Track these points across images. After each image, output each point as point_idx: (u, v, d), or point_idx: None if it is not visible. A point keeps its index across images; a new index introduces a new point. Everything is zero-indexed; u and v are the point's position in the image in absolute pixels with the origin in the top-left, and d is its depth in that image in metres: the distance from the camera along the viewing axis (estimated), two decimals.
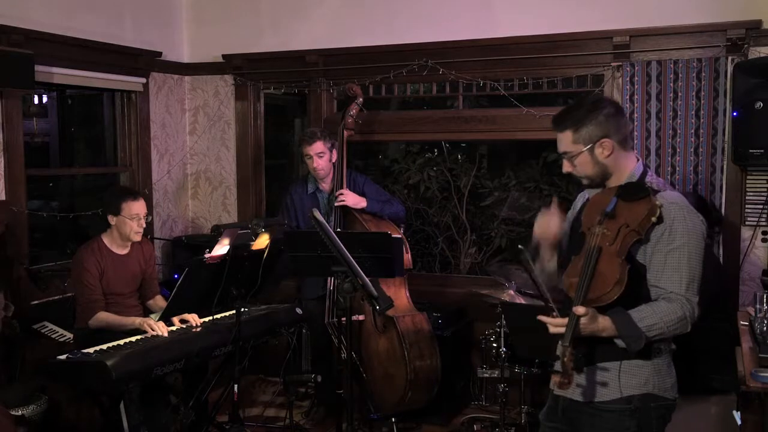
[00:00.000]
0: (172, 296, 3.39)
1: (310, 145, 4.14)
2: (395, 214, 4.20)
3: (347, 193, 4.13)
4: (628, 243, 2.16)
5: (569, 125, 2.27)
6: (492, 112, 4.71)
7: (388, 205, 4.20)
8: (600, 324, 2.13)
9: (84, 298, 3.67)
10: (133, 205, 3.73)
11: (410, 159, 6.11)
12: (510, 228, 5.81)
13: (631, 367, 2.21)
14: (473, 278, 5.06)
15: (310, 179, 4.30)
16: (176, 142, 5.32)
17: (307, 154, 4.17)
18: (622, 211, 2.20)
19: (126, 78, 4.80)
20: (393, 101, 5.78)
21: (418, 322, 4.05)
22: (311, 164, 4.17)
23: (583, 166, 2.29)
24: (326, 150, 4.17)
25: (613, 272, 2.13)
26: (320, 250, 3.21)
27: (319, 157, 4.15)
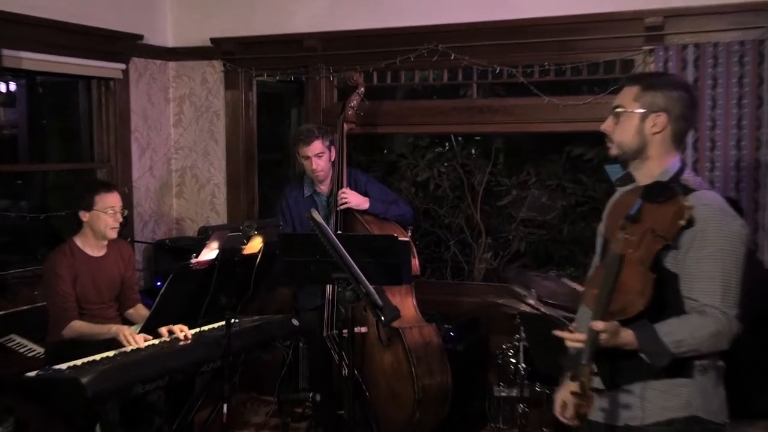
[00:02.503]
0: (155, 306, 3.38)
1: (307, 145, 4.13)
2: (401, 216, 4.19)
3: (349, 192, 4.11)
4: (654, 250, 2.14)
5: (641, 82, 2.30)
6: (509, 101, 4.70)
7: (394, 206, 4.19)
8: (622, 338, 2.12)
9: (56, 307, 3.66)
10: (107, 197, 3.73)
11: (418, 154, 6.11)
12: (530, 230, 5.80)
13: (670, 386, 2.19)
14: (489, 286, 5.04)
15: (307, 181, 4.29)
16: (159, 135, 5.32)
17: (304, 156, 4.16)
18: (648, 214, 2.18)
19: (103, 64, 4.80)
20: (399, 90, 5.77)
21: (427, 335, 4.04)
22: (309, 166, 4.16)
23: (625, 130, 2.28)
24: (325, 149, 4.16)
25: (635, 283, 2.12)
26: (319, 255, 3.20)
27: (318, 158, 4.14)
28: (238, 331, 3.66)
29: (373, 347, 4.02)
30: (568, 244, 5.78)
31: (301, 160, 4.20)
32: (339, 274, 3.02)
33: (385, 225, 4.12)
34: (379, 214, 4.12)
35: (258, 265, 3.47)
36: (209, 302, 3.40)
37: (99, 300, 3.80)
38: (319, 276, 3.36)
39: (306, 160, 4.16)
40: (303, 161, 4.19)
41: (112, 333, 3.50)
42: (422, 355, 3.96)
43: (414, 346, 3.94)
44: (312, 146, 4.12)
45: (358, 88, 4.36)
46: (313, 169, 4.15)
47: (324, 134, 4.17)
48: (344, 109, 4.32)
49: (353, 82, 4.36)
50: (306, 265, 3.37)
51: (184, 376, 3.43)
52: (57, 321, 3.67)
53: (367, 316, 3.96)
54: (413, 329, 4.00)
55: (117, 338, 3.46)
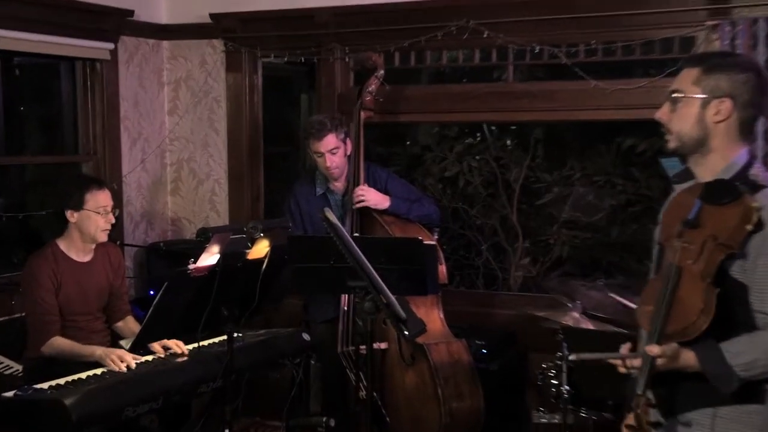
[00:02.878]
0: (147, 318, 3.40)
1: (319, 140, 4.14)
2: (427, 216, 4.19)
3: (367, 189, 4.12)
4: (716, 261, 2.12)
5: (702, 63, 2.28)
6: (551, 85, 4.69)
7: (418, 205, 4.19)
8: (682, 361, 2.11)
9: (36, 319, 3.69)
10: (99, 195, 3.75)
11: (446, 146, 6.11)
12: (573, 233, 5.78)
13: (740, 414, 2.17)
14: (526, 297, 5.04)
15: (319, 177, 4.31)
16: (152, 124, 5.36)
17: (316, 152, 4.18)
18: (708, 218, 2.16)
19: (89, 43, 4.83)
20: (424, 73, 5.77)
21: (456, 352, 4.04)
22: (323, 163, 4.18)
23: (683, 117, 2.27)
24: (340, 143, 4.17)
25: (696, 299, 2.10)
26: (333, 260, 3.21)
27: (333, 154, 4.15)
28: (242, 346, 3.67)
29: (394, 366, 4.02)
30: (617, 249, 5.75)
31: (313, 156, 4.22)
32: (356, 282, 3.02)
33: (408, 226, 4.13)
34: (401, 214, 4.13)
35: (264, 271, 3.48)
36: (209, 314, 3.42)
37: (85, 311, 3.83)
38: (333, 284, 3.37)
39: (319, 157, 4.18)
40: (315, 158, 4.20)
41: (96, 357, 3.50)
42: (450, 375, 3.96)
43: (441, 365, 3.94)
44: (325, 141, 4.13)
45: (377, 70, 4.36)
46: (327, 166, 4.16)
47: (338, 126, 4.19)
48: (361, 95, 4.32)
49: (371, 63, 4.37)
50: (318, 272, 3.38)
51: (180, 398, 3.44)
52: (36, 334, 3.70)
53: (388, 330, 3.97)
54: (440, 345, 4.00)
55: (103, 363, 3.46)
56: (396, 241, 3.79)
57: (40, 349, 3.66)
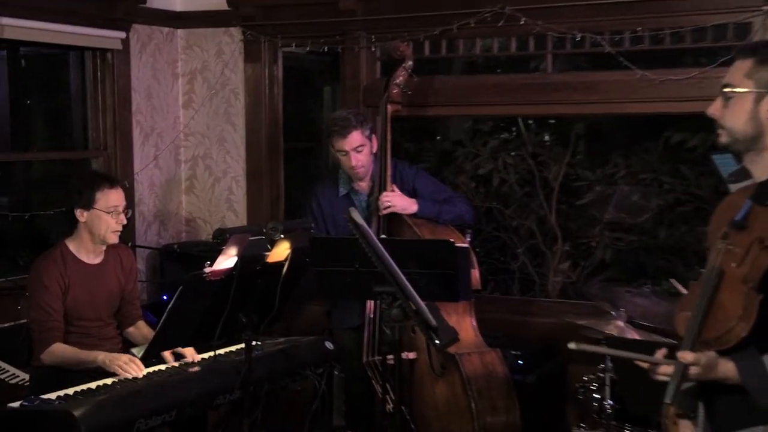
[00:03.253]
0: (161, 324, 3.42)
1: (343, 137, 4.14)
2: (459, 217, 4.19)
3: (393, 195, 4.12)
4: (762, 266, 2.11)
5: (756, 53, 2.25)
6: (593, 76, 4.67)
7: (449, 206, 4.18)
8: (720, 372, 2.10)
9: (37, 326, 3.72)
10: (111, 194, 3.78)
11: (479, 141, 6.09)
12: (617, 235, 5.74)
13: None
14: (566, 304, 5.01)
15: (342, 176, 4.31)
16: (166, 118, 5.39)
17: (340, 150, 4.18)
18: (757, 220, 2.15)
19: (99, 32, 4.87)
20: (456, 63, 5.75)
21: (490, 363, 4.04)
22: (347, 162, 4.18)
23: (736, 113, 2.24)
24: (365, 141, 4.17)
25: (735, 305, 2.09)
26: (359, 264, 3.21)
27: (358, 152, 4.15)
28: (261, 355, 3.69)
29: (423, 377, 4.02)
30: (665, 253, 5.71)
31: (337, 154, 4.22)
32: (383, 287, 3.02)
33: (438, 228, 4.13)
34: (430, 217, 4.13)
35: (284, 275, 3.49)
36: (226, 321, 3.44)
37: (95, 316, 3.86)
38: (358, 289, 3.37)
39: (343, 156, 4.18)
40: (339, 156, 4.20)
41: (99, 362, 3.51)
42: (483, 388, 3.95)
43: (474, 376, 3.93)
44: (350, 139, 4.13)
45: (404, 61, 4.36)
46: (352, 165, 4.16)
47: (363, 122, 4.18)
48: (388, 88, 4.32)
49: (399, 54, 4.37)
50: (342, 276, 3.38)
51: (195, 410, 3.46)
52: (36, 342, 3.72)
53: (416, 339, 3.97)
54: (472, 356, 3.99)
55: (106, 368, 3.48)
56: (426, 243, 3.79)
57: (40, 357, 3.68)
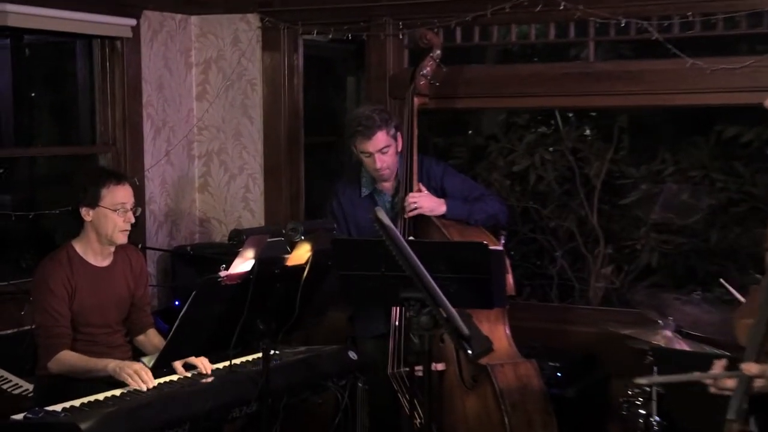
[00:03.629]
0: (173, 332, 3.43)
1: (367, 138, 4.13)
2: (491, 217, 4.18)
3: (421, 195, 4.10)
4: None
5: None
6: (639, 65, 4.65)
7: (480, 205, 4.17)
8: None
9: (43, 332, 3.73)
10: (118, 190, 3.79)
11: (514, 135, 6.08)
12: (664, 237, 5.71)
13: None
14: (609, 311, 5.01)
15: (365, 176, 4.32)
16: (179, 111, 5.41)
17: (363, 152, 4.18)
18: None
19: (107, 18, 4.89)
20: (490, 51, 5.74)
21: (525, 375, 4.03)
22: (372, 165, 4.18)
23: None
24: (390, 140, 4.17)
25: None
26: (384, 268, 3.20)
27: (383, 153, 4.15)
28: (279, 365, 3.69)
29: (452, 390, 4.01)
30: (716, 257, 5.67)
31: (360, 156, 4.22)
32: (411, 292, 3.01)
33: (468, 229, 4.12)
34: (460, 219, 4.12)
35: (305, 280, 3.49)
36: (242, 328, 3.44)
37: (103, 322, 3.87)
38: (383, 295, 3.36)
39: (367, 157, 4.18)
40: (362, 158, 4.21)
41: (109, 370, 3.52)
42: (518, 401, 3.94)
43: (507, 389, 3.92)
44: (374, 140, 4.13)
45: (432, 50, 4.35)
46: (377, 168, 4.16)
47: (387, 121, 4.18)
48: (414, 79, 4.32)
49: (426, 42, 4.36)
50: (367, 281, 3.37)
51: (209, 424, 3.45)
52: (42, 349, 3.74)
53: (445, 349, 3.96)
54: (506, 367, 3.98)
55: (117, 377, 3.49)
56: (457, 245, 3.77)
57: (47, 365, 3.70)
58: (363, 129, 4.13)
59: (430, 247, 3.51)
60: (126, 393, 3.42)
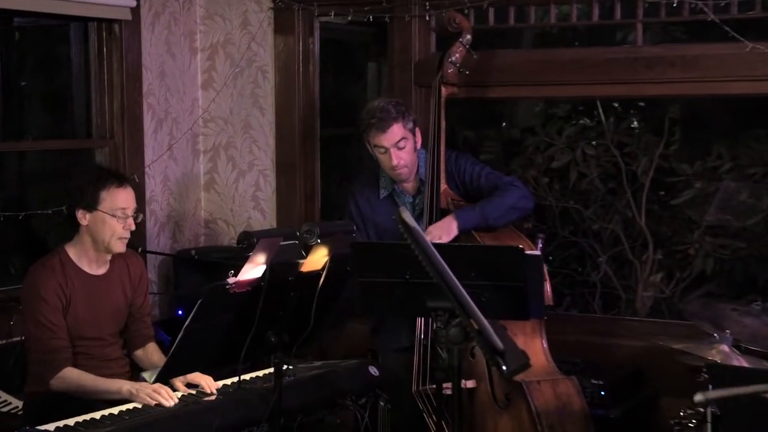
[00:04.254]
0: (176, 345, 3.44)
1: (382, 131, 4.15)
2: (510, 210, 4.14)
3: (434, 229, 4.05)
4: None
5: None
6: (692, 49, 4.63)
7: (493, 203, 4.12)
8: None
9: (41, 346, 3.75)
10: (119, 194, 3.80)
11: (553, 128, 6.06)
12: (721, 242, 5.68)
13: None
14: (658, 323, 5.00)
15: (383, 176, 4.33)
16: (183, 101, 5.43)
17: (377, 146, 4.19)
18: None
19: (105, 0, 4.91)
20: (526, 34, 5.73)
21: (564, 394, 4.02)
22: (387, 162, 4.19)
23: None
24: (407, 134, 4.18)
25: None
26: (409, 274, 3.20)
27: (399, 149, 4.16)
28: (293, 382, 3.69)
29: (484, 409, 4.01)
30: None
31: (374, 152, 4.23)
32: (438, 302, 3.01)
33: (504, 233, 4.13)
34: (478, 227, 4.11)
35: (322, 287, 3.50)
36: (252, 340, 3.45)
37: (98, 335, 3.89)
38: (408, 304, 3.35)
39: (382, 153, 4.19)
40: (377, 154, 4.22)
41: (124, 394, 3.55)
42: (556, 423, 3.93)
43: (544, 410, 3.92)
44: (389, 133, 4.14)
45: (461, 35, 4.35)
46: (393, 165, 4.17)
47: (404, 114, 4.19)
48: (442, 67, 4.33)
49: (455, 26, 4.36)
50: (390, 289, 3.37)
51: None
52: (42, 364, 3.75)
53: (476, 364, 3.96)
54: (543, 384, 3.98)
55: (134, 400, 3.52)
56: (490, 249, 3.77)
57: (49, 383, 3.71)
58: (377, 121, 4.14)
59: (459, 251, 3.51)
60: (124, 412, 3.43)
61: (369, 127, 4.18)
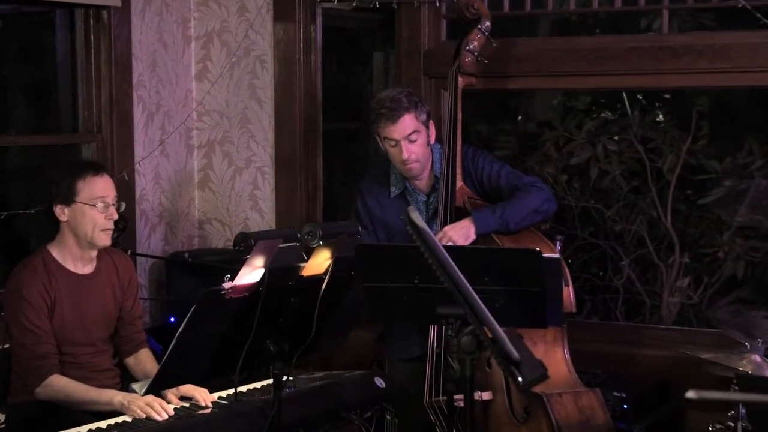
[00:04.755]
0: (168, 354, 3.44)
1: (393, 122, 4.15)
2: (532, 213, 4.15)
3: (446, 233, 4.05)
4: None
5: None
6: (722, 37, 4.62)
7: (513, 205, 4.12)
8: None
9: (25, 352, 3.75)
10: (96, 182, 3.82)
11: (572, 122, 6.06)
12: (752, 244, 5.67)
13: None
14: (685, 332, 4.99)
15: (394, 172, 4.33)
16: (175, 93, 5.43)
17: (388, 139, 4.19)
18: None
19: None
20: (543, 21, 5.73)
21: (587, 407, 4.02)
22: (398, 155, 4.19)
23: None
24: (420, 126, 4.18)
25: None
26: (418, 279, 3.20)
27: (411, 142, 4.16)
28: (294, 394, 3.70)
29: (501, 423, 4.02)
30: None
31: (384, 144, 4.23)
32: (449, 308, 3.01)
33: (523, 235, 4.13)
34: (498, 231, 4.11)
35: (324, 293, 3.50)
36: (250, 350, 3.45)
37: (86, 340, 3.90)
38: (417, 311, 3.36)
39: (392, 146, 4.19)
40: (387, 147, 4.22)
41: (115, 405, 3.55)
42: None
43: (566, 424, 3.92)
44: (400, 124, 4.14)
45: (480, 21, 4.35)
46: (403, 159, 4.17)
47: (417, 105, 4.20)
48: (460, 55, 4.33)
49: (473, 12, 4.36)
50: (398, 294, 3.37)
51: None
52: (26, 372, 3.76)
53: (491, 375, 3.97)
54: (565, 397, 3.98)
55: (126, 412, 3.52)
56: (505, 252, 3.77)
57: (35, 392, 3.72)
58: (387, 111, 4.15)
59: (472, 254, 3.52)
60: (113, 426, 3.44)
61: (379, 117, 4.18)
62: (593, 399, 4.05)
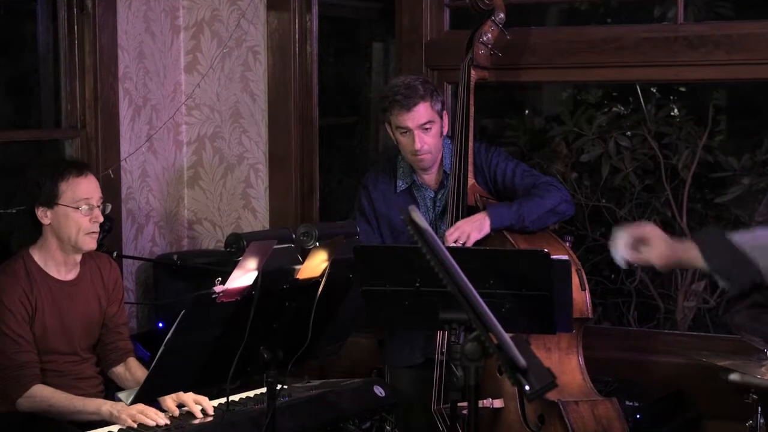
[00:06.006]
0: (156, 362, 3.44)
1: (407, 110, 4.16)
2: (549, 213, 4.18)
3: (458, 228, 4.07)
4: None
5: None
6: (740, 27, 4.64)
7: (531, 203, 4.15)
8: None
9: (5, 361, 3.76)
10: (79, 183, 3.83)
11: (583, 117, 6.05)
12: None
13: None
14: (701, 337, 5.00)
15: (401, 166, 4.35)
16: (163, 86, 5.43)
17: (400, 127, 4.20)
18: None
19: None
20: (552, 11, 5.73)
21: (604, 417, 4.02)
22: (410, 145, 4.20)
23: None
24: (435, 116, 4.20)
25: None
26: (420, 282, 3.21)
27: (425, 131, 4.18)
28: (288, 403, 3.71)
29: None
30: None
31: (395, 134, 4.25)
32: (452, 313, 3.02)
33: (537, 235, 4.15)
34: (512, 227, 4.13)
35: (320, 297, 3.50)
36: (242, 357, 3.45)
37: (69, 349, 3.90)
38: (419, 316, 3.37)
39: (404, 135, 4.20)
40: (398, 136, 4.23)
41: (104, 414, 3.56)
42: None
43: None
44: (415, 112, 4.15)
45: (494, 13, 4.38)
46: (415, 149, 4.18)
47: (433, 93, 4.22)
48: (472, 48, 4.34)
49: (487, 4, 4.37)
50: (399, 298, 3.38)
51: None
52: (8, 382, 3.77)
53: (503, 382, 3.97)
54: (581, 406, 3.98)
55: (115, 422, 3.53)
56: (511, 254, 3.77)
57: (16, 402, 3.74)
58: (402, 99, 4.16)
59: (476, 255, 3.52)
60: None
61: (392, 104, 4.19)
62: (610, 409, 4.04)
